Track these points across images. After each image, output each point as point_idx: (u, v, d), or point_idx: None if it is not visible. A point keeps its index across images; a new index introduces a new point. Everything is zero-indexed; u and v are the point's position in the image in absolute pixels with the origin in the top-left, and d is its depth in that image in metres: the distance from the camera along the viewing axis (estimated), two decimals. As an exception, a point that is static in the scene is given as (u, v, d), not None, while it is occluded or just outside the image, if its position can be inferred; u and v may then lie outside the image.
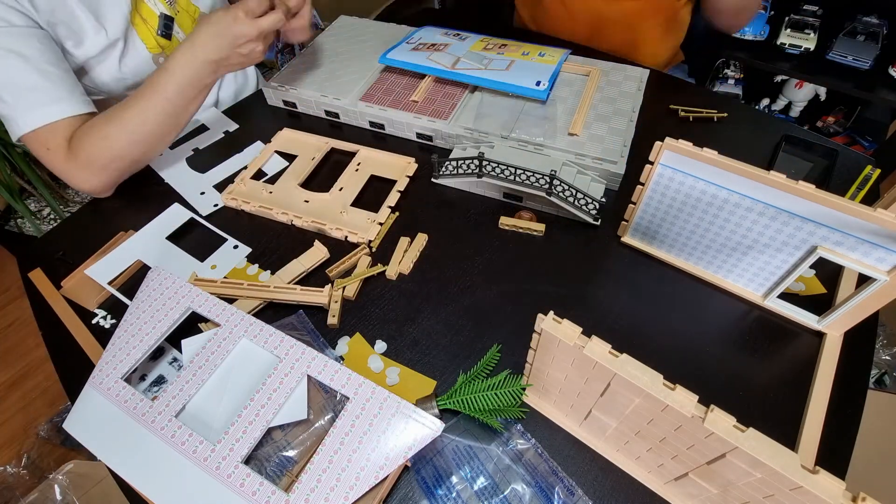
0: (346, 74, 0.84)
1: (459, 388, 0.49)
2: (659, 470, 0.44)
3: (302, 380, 0.48)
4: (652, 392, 0.34)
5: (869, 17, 1.40)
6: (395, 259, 0.62)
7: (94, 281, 0.60)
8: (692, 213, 0.54)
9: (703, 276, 0.60)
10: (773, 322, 0.57)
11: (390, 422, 0.44)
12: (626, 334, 0.56)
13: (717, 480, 0.38)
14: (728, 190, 0.50)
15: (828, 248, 0.48)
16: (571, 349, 0.37)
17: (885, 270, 0.47)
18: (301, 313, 0.57)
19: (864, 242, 0.46)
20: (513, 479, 0.46)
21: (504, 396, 0.47)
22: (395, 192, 0.69)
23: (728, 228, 0.53)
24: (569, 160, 0.68)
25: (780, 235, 0.50)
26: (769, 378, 0.52)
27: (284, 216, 0.67)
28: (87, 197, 1.55)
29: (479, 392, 0.48)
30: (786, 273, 0.53)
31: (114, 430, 0.46)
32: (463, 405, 0.48)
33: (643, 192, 0.56)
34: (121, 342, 0.52)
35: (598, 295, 0.59)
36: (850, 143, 1.63)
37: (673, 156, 0.51)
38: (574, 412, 0.47)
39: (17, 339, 1.45)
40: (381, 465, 0.42)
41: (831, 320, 0.54)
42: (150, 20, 0.76)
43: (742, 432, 0.32)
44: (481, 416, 0.48)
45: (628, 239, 0.63)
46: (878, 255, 0.46)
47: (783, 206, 0.48)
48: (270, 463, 0.45)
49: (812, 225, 0.48)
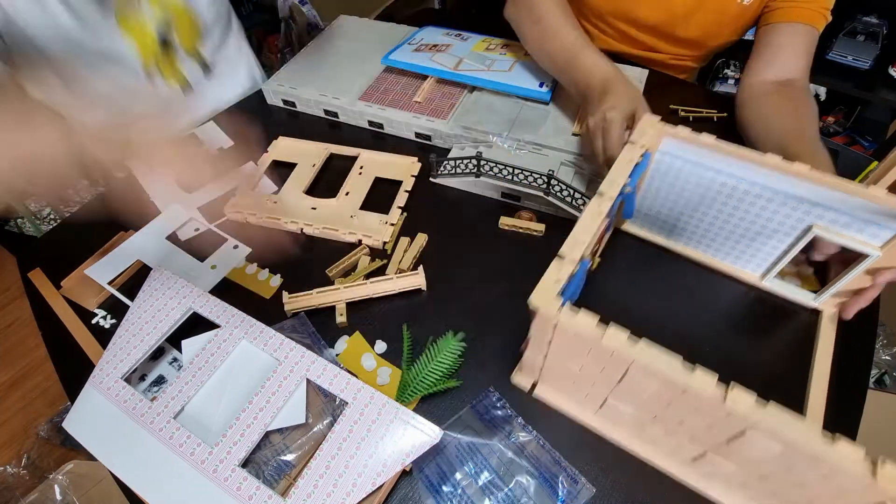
0: (345, 74, 0.84)
1: (408, 380, 0.51)
2: (676, 452, 0.45)
3: (301, 383, 0.48)
4: (673, 375, 0.35)
5: (869, 17, 1.40)
6: (396, 259, 0.62)
7: (94, 281, 0.60)
8: (691, 198, 0.55)
9: (702, 259, 0.61)
10: (771, 302, 0.58)
11: (388, 427, 0.44)
12: (627, 322, 0.55)
13: (736, 457, 0.39)
14: (726, 174, 0.51)
15: (822, 227, 0.50)
16: (588, 339, 0.37)
17: (877, 246, 0.48)
18: (302, 315, 0.57)
19: (857, 220, 0.48)
20: (517, 471, 0.46)
21: (447, 358, 0.51)
22: (403, 192, 0.69)
23: (726, 212, 0.54)
24: (567, 160, 0.68)
25: (776, 216, 0.52)
26: (769, 357, 0.54)
27: (294, 225, 0.66)
28: (86, 197, 1.55)
29: (425, 371, 0.50)
30: (782, 253, 0.55)
31: (113, 431, 0.46)
32: (418, 390, 0.50)
33: (643, 180, 0.57)
34: (121, 342, 0.52)
35: (600, 289, 0.59)
36: (850, 143, 1.63)
37: (671, 142, 0.52)
38: (589, 401, 0.48)
39: (17, 339, 1.45)
40: (378, 471, 0.42)
41: (827, 296, 0.55)
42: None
43: (763, 407, 0.33)
44: (441, 387, 0.50)
45: (628, 227, 0.64)
46: (871, 232, 0.48)
47: (779, 187, 0.49)
48: (268, 466, 0.45)
49: (807, 205, 0.49)
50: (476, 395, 0.51)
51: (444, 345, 0.52)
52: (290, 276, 0.62)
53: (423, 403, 0.51)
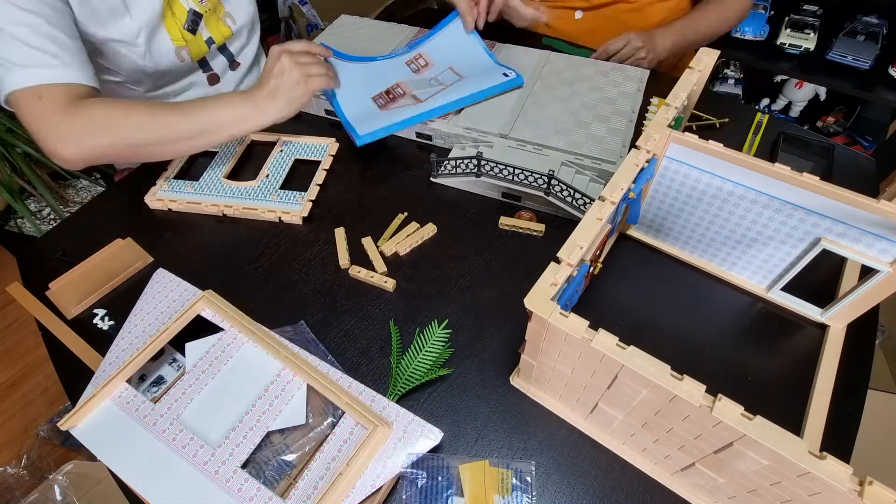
0: (345, 74, 0.84)
1: (399, 373, 0.51)
2: (665, 461, 0.44)
3: (302, 386, 0.48)
4: (660, 383, 0.34)
5: (869, 17, 1.40)
6: (396, 238, 0.64)
7: (79, 287, 0.59)
8: (697, 205, 0.55)
9: (707, 268, 0.60)
10: (776, 314, 0.57)
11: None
12: (629, 328, 0.56)
13: (725, 469, 0.38)
14: (733, 182, 0.50)
15: (831, 240, 0.49)
16: (578, 342, 0.37)
17: (887, 262, 0.47)
18: (302, 323, 0.57)
19: (867, 234, 0.46)
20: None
21: (434, 347, 0.52)
22: (322, 170, 0.73)
23: (733, 221, 0.54)
24: (567, 160, 0.68)
25: (783, 227, 0.51)
26: (772, 370, 0.53)
27: (214, 207, 0.69)
28: (86, 197, 1.55)
29: (415, 362, 0.51)
30: (789, 265, 0.54)
31: (115, 432, 0.46)
32: (410, 381, 0.51)
33: (649, 186, 0.57)
34: (124, 343, 0.52)
35: (600, 292, 0.59)
36: (850, 142, 1.63)
37: (678, 148, 0.51)
38: (580, 406, 0.47)
39: (17, 339, 1.45)
40: (377, 472, 0.42)
41: (834, 312, 0.54)
42: (179, 14, 0.77)
43: (750, 420, 0.32)
44: (433, 376, 0.51)
45: (633, 232, 0.64)
46: (881, 247, 0.47)
47: (787, 198, 0.48)
48: (269, 466, 0.45)
49: (816, 217, 0.48)
50: (476, 396, 0.52)
51: (429, 334, 0.53)
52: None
53: (424, 404, 0.52)
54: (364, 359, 0.55)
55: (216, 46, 0.85)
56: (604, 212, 0.44)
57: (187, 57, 0.80)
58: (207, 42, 0.82)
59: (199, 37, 0.81)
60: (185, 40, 0.78)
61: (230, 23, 0.85)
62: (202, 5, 0.79)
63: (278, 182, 0.71)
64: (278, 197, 0.70)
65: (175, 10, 0.76)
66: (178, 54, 0.79)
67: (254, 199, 0.70)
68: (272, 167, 0.73)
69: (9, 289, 0.62)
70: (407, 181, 0.72)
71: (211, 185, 0.72)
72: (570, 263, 0.40)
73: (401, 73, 0.82)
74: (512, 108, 0.76)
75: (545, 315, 0.37)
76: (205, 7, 0.80)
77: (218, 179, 0.72)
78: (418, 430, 0.44)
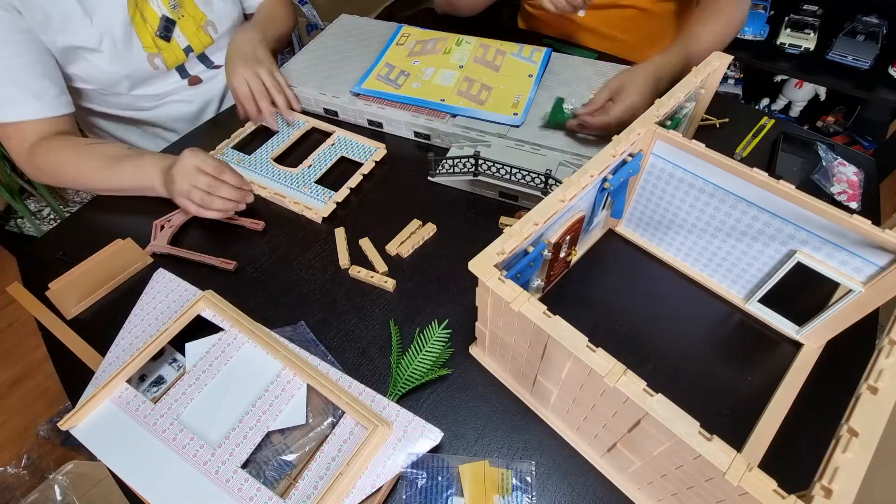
0: (345, 73, 0.84)
1: (399, 373, 0.51)
2: (595, 441, 0.45)
3: (303, 386, 0.48)
4: (575, 352, 0.35)
5: (869, 17, 1.40)
6: (399, 239, 0.64)
7: (78, 287, 0.59)
8: (681, 205, 0.55)
9: (689, 273, 0.60)
10: (752, 328, 0.56)
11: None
12: (601, 318, 0.57)
13: (638, 451, 0.39)
14: (714, 184, 0.50)
15: (807, 254, 0.47)
16: (512, 309, 0.38)
17: (860, 281, 0.45)
18: (302, 323, 0.57)
19: (842, 250, 0.45)
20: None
21: (434, 347, 0.51)
22: (359, 174, 0.72)
23: (714, 225, 0.54)
24: (565, 160, 0.68)
25: (762, 236, 0.50)
26: (737, 381, 0.52)
27: (253, 185, 0.70)
28: (87, 197, 1.55)
29: (414, 363, 0.51)
30: (766, 276, 0.53)
31: (115, 432, 0.46)
32: (410, 381, 0.51)
33: (636, 183, 0.57)
34: (124, 343, 0.52)
35: (578, 283, 0.60)
36: (850, 142, 1.63)
37: (665, 146, 0.52)
38: (524, 378, 0.49)
39: (17, 339, 1.45)
40: (377, 473, 0.42)
41: (809, 330, 0.53)
42: (151, 20, 0.76)
43: (651, 396, 0.33)
44: (432, 376, 0.51)
45: (621, 229, 0.64)
46: (855, 265, 0.45)
47: (765, 205, 0.47)
48: (269, 466, 0.45)
49: (791, 227, 0.47)
50: (476, 396, 0.52)
51: (429, 334, 0.53)
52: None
53: (424, 404, 0.52)
54: (364, 359, 0.55)
55: (195, 55, 0.83)
56: (567, 194, 0.45)
57: (161, 65, 0.79)
58: (186, 50, 0.81)
59: (175, 44, 0.79)
60: (157, 47, 0.77)
61: (211, 31, 0.84)
62: (175, 11, 0.77)
63: (317, 175, 0.72)
64: (310, 190, 0.70)
65: (146, 15, 0.75)
66: (151, 61, 0.77)
67: (288, 185, 0.71)
68: (317, 158, 0.75)
69: (9, 289, 0.62)
70: (407, 181, 0.73)
71: (258, 162, 0.74)
72: (521, 235, 0.42)
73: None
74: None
75: (485, 279, 0.39)
76: (178, 14, 0.78)
77: (266, 159, 0.74)
78: (418, 430, 0.44)
